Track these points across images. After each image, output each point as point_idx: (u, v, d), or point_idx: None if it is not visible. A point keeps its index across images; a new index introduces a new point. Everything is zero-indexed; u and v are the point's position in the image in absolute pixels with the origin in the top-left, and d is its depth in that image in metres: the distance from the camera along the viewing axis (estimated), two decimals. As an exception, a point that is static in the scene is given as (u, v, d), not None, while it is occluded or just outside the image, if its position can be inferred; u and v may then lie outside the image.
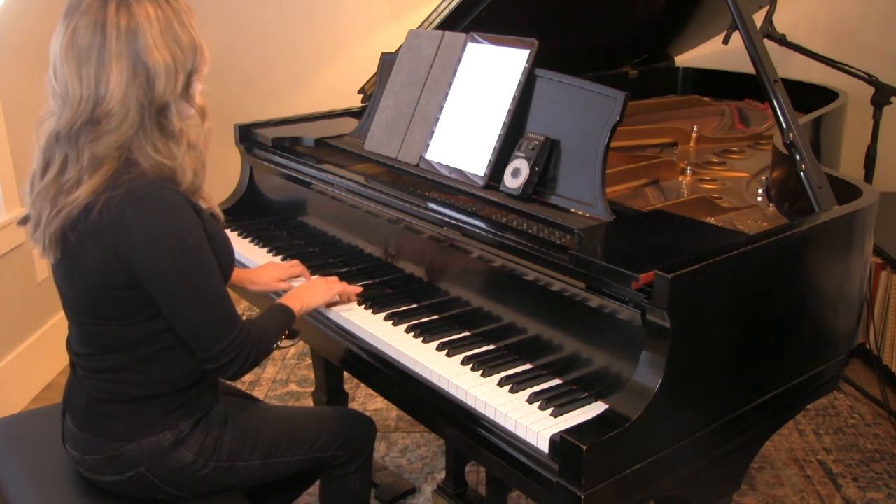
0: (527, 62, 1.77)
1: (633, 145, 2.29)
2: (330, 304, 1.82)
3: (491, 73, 1.83)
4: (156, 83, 1.39)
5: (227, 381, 1.78)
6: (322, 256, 2.10)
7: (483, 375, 1.53)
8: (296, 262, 1.98)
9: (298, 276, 1.95)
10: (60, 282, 1.52)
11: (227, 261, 1.57)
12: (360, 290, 1.85)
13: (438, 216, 1.73)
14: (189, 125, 1.47)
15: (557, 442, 1.27)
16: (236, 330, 1.48)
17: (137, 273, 1.40)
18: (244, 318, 1.53)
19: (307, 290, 1.77)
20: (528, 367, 1.57)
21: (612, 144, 1.63)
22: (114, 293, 1.44)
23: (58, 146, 1.42)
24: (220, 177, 2.81)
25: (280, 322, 1.65)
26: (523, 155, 1.71)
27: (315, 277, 1.87)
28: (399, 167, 1.97)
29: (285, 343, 1.70)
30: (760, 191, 1.93)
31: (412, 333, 1.70)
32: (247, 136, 2.36)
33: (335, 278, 1.85)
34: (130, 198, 1.37)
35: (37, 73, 1.55)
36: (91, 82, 1.37)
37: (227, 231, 2.25)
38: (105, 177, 1.39)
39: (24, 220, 1.51)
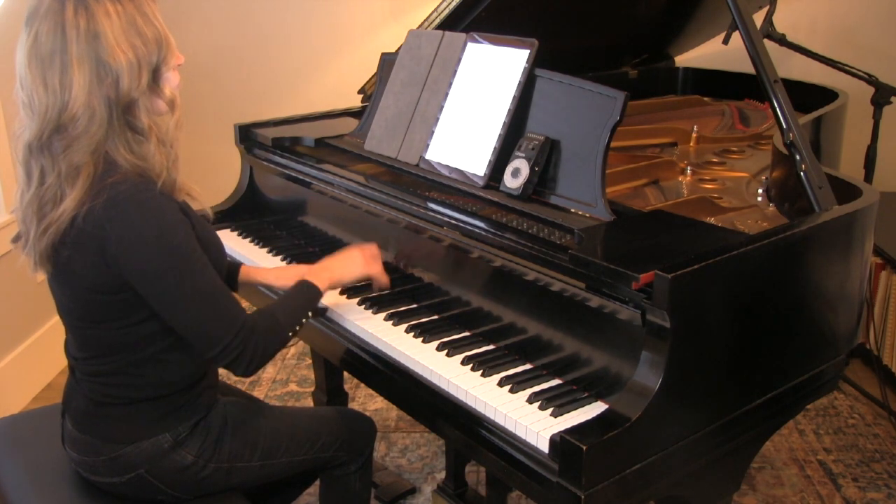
0: (527, 62, 1.77)
1: (633, 145, 2.29)
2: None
3: (491, 73, 1.83)
4: (119, 82, 1.36)
5: (227, 382, 1.77)
6: (322, 256, 2.10)
7: (483, 375, 1.53)
8: None
9: None
10: (54, 287, 1.52)
11: (217, 263, 1.56)
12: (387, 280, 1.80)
13: (438, 216, 1.73)
14: (158, 120, 1.45)
15: (557, 442, 1.27)
16: (238, 324, 1.45)
17: (129, 277, 1.39)
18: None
19: (340, 261, 1.71)
20: (528, 367, 1.57)
21: (612, 144, 1.63)
22: (104, 297, 1.43)
23: (33, 158, 1.40)
24: (220, 177, 2.82)
25: (300, 305, 1.60)
26: (523, 155, 1.71)
27: (353, 245, 1.78)
28: (399, 167, 1.97)
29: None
30: (760, 191, 1.93)
31: (412, 333, 1.70)
32: (247, 136, 2.36)
33: (373, 247, 1.76)
34: (113, 203, 1.36)
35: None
36: (56, 89, 1.35)
37: (228, 231, 2.27)
38: (86, 185, 1.37)
39: (17, 238, 1.50)
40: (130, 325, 1.46)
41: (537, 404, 1.42)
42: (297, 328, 1.59)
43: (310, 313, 1.62)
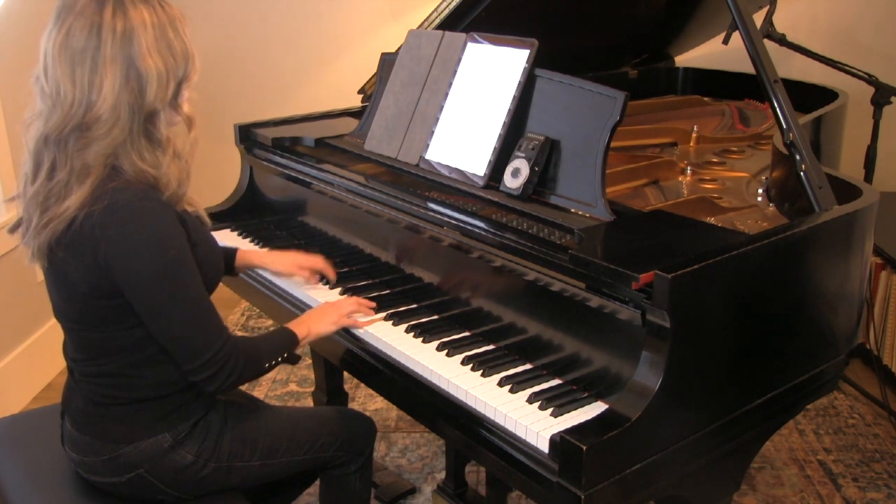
0: (527, 62, 1.77)
1: (633, 145, 2.29)
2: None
3: (491, 73, 1.83)
4: (147, 90, 1.38)
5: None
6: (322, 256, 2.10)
7: (483, 375, 1.53)
8: (320, 259, 1.95)
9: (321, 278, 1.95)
10: (51, 290, 1.52)
11: (213, 268, 1.56)
12: (373, 305, 1.78)
13: (438, 216, 1.73)
14: (175, 134, 1.46)
15: (557, 442, 1.27)
16: (220, 342, 1.46)
17: (119, 283, 1.39)
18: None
19: (315, 316, 1.72)
20: (528, 367, 1.57)
21: (612, 144, 1.63)
22: (99, 301, 1.43)
23: (46, 149, 1.40)
24: (220, 177, 2.82)
25: (279, 344, 1.62)
26: (523, 155, 1.71)
27: (328, 302, 1.79)
28: (399, 167, 1.97)
29: (285, 366, 1.63)
30: (760, 191, 1.93)
31: (412, 333, 1.70)
32: (247, 136, 2.36)
33: (353, 302, 1.76)
34: (112, 209, 1.36)
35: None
36: (84, 86, 1.35)
37: (228, 231, 2.27)
38: (92, 187, 1.37)
39: (15, 226, 1.50)
40: (127, 328, 1.46)
41: (537, 404, 1.42)
42: (271, 364, 1.59)
43: (285, 355, 1.63)
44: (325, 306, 1.76)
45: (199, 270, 1.45)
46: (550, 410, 1.40)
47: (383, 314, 1.78)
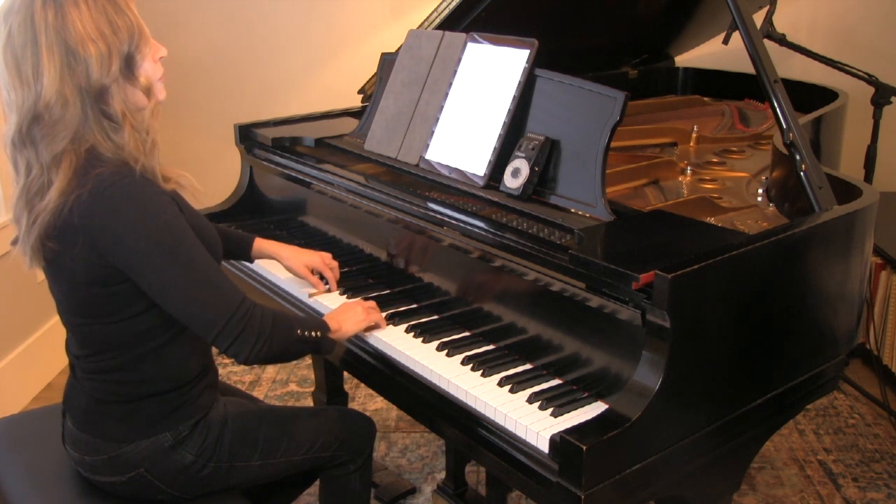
0: (527, 62, 1.77)
1: (633, 145, 2.29)
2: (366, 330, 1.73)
3: (491, 73, 1.83)
4: (89, 70, 1.36)
5: (227, 382, 1.77)
6: (322, 256, 2.10)
7: (483, 375, 1.53)
8: (332, 262, 1.93)
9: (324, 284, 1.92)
10: (51, 285, 1.52)
11: (211, 247, 1.55)
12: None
13: (438, 216, 1.73)
14: (135, 108, 1.44)
15: (557, 442, 1.27)
16: (236, 302, 1.43)
17: (122, 266, 1.39)
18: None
19: (344, 313, 1.69)
20: (528, 367, 1.57)
21: (612, 144, 1.63)
22: (98, 290, 1.43)
23: (18, 152, 1.41)
24: (220, 177, 2.82)
25: (311, 324, 1.58)
26: (523, 155, 1.71)
27: (354, 301, 1.76)
28: (399, 167, 1.97)
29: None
30: (760, 191, 1.93)
31: (412, 333, 1.70)
32: (247, 136, 2.36)
33: (372, 303, 1.74)
34: (96, 192, 1.36)
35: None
36: (30, 79, 1.36)
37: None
38: (69, 174, 1.37)
39: (16, 240, 1.50)
40: (127, 318, 1.46)
41: (537, 404, 1.42)
42: (303, 336, 1.54)
43: (318, 333, 1.57)
44: (349, 304, 1.73)
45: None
46: (550, 410, 1.40)
47: (384, 314, 1.77)
